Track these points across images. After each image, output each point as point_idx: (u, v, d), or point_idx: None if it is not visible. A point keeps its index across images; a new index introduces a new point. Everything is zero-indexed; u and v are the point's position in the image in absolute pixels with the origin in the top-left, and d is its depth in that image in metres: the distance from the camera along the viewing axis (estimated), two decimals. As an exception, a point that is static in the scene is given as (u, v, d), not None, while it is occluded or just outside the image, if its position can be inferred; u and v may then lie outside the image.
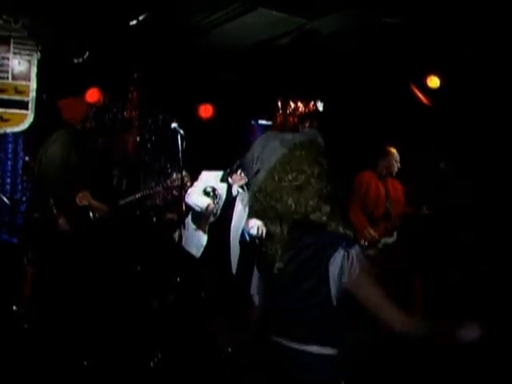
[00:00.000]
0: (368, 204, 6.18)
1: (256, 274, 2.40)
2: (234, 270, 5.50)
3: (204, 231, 5.49)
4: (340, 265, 2.08)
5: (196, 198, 5.36)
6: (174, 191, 5.72)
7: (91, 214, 5.13)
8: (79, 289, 4.81)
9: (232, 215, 5.46)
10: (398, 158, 6.24)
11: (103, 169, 5.56)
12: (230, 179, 5.50)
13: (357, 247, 2.11)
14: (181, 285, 5.08)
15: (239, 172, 5.43)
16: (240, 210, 5.41)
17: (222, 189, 5.47)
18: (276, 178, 2.17)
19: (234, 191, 5.49)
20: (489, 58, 5.92)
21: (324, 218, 2.18)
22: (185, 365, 4.59)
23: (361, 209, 6.14)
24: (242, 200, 5.38)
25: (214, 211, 5.41)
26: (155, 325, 5.16)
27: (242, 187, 5.45)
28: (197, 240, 5.49)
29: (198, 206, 5.35)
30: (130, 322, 5.14)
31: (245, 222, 5.21)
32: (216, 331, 5.30)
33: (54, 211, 4.88)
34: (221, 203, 5.46)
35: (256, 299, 2.42)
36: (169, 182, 5.45)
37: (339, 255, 2.08)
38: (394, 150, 6.27)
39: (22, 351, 4.52)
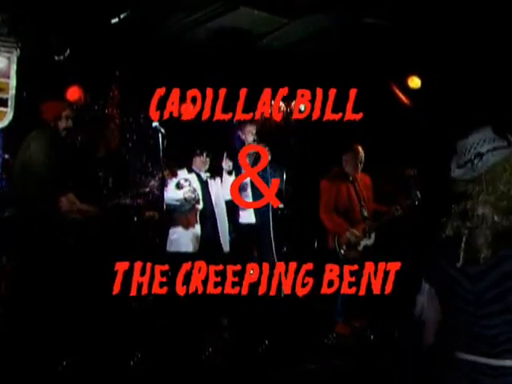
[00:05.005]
0: (340, 208, 6.04)
1: (426, 289, 2.24)
2: (225, 248, 5.85)
3: (196, 222, 5.76)
4: None
5: (171, 195, 5.59)
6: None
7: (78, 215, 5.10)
8: (58, 288, 4.77)
9: (211, 198, 5.85)
10: (361, 155, 6.04)
11: (85, 168, 5.53)
12: (194, 167, 5.88)
13: None
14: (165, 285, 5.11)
15: (202, 156, 5.84)
16: (217, 190, 5.89)
17: (192, 179, 5.80)
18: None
19: (204, 176, 5.89)
20: (471, 58, 5.98)
21: None
22: (164, 364, 4.59)
23: (335, 213, 6.01)
24: (215, 181, 5.93)
25: (196, 198, 5.69)
26: (135, 324, 5.15)
27: (208, 171, 5.89)
28: (192, 235, 5.71)
29: (177, 200, 5.60)
30: (110, 321, 5.12)
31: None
32: (198, 331, 5.31)
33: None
34: (198, 191, 5.76)
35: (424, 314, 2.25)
36: (157, 178, 5.54)
37: None
38: (357, 147, 6.07)
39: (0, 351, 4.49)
